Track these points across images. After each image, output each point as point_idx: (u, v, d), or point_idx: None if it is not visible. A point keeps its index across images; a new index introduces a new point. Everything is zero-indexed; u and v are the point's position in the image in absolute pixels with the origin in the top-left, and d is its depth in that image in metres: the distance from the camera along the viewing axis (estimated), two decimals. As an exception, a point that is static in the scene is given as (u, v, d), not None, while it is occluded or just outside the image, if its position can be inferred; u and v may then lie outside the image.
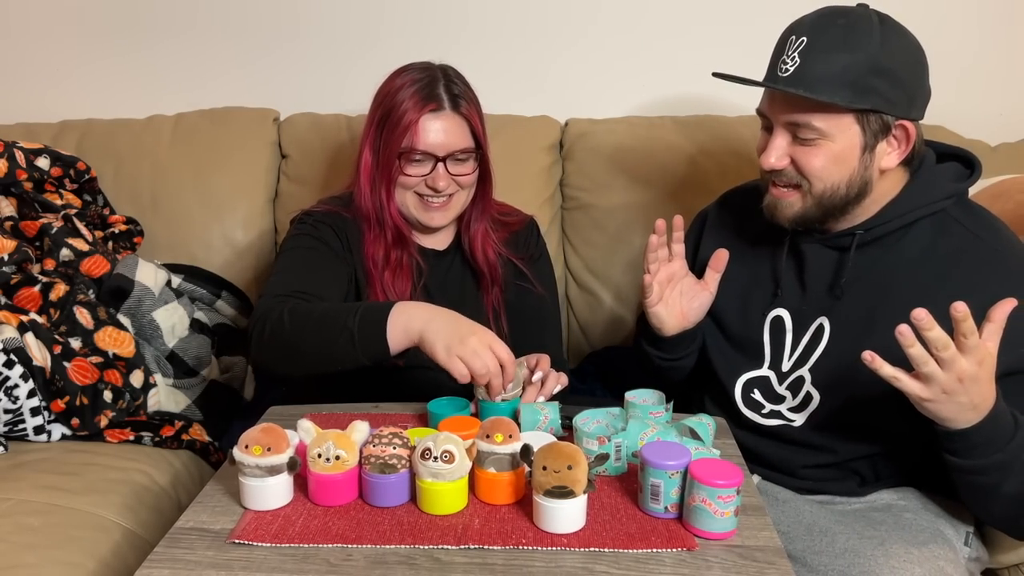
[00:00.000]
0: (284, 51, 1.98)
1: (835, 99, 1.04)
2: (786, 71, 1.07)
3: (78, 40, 2.01)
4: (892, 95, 1.06)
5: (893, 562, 1.04)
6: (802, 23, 1.09)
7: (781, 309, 1.23)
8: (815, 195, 1.11)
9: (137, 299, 1.58)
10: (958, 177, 1.17)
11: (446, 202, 1.34)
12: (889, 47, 1.06)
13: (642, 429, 1.04)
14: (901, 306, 1.07)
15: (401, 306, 1.09)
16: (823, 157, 1.09)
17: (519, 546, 0.86)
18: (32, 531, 1.15)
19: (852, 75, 1.04)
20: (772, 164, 1.12)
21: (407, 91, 1.30)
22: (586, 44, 1.94)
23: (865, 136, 1.08)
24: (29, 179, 1.66)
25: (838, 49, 1.05)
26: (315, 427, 0.96)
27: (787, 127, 1.11)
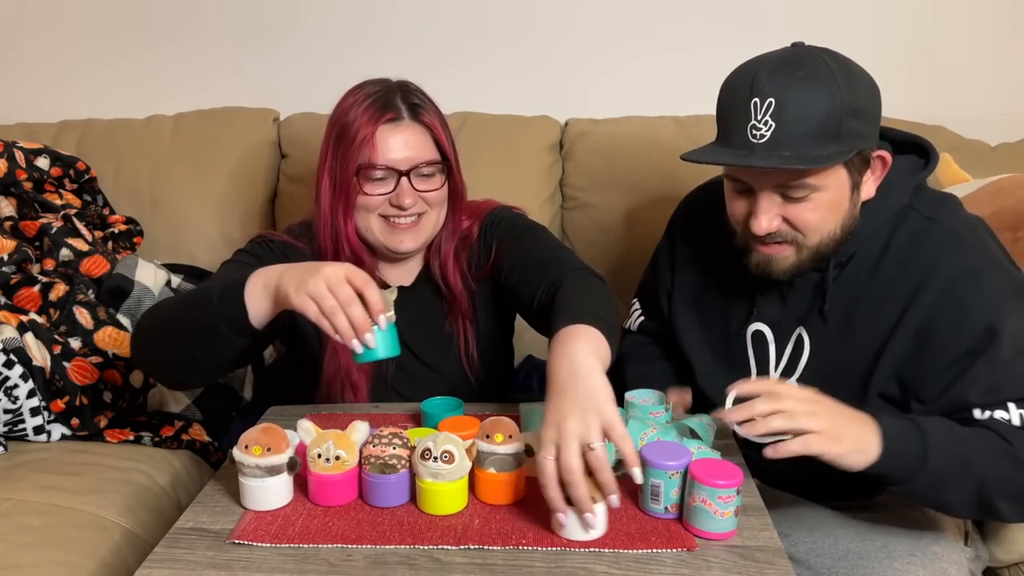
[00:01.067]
0: (284, 51, 1.98)
1: (828, 155, 0.99)
2: (762, 136, 1.00)
3: (78, 40, 2.01)
4: (867, 130, 1.04)
5: (897, 564, 1.04)
6: (759, 81, 1.01)
7: (759, 323, 1.20)
8: (811, 247, 1.07)
9: (137, 299, 1.58)
10: (911, 170, 1.14)
11: (415, 223, 1.21)
12: (853, 86, 1.01)
13: (642, 429, 1.04)
14: (871, 305, 1.09)
15: (262, 270, 1.00)
16: (820, 210, 1.05)
17: (519, 546, 0.86)
18: (32, 531, 1.15)
19: (834, 125, 0.99)
20: (766, 228, 1.06)
21: (360, 106, 1.19)
22: (586, 44, 1.94)
23: (852, 176, 1.05)
24: (29, 179, 1.66)
25: (811, 103, 0.99)
26: (315, 427, 0.96)
27: (774, 189, 1.05)
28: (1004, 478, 1.01)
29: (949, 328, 1.04)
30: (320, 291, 0.92)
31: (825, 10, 1.90)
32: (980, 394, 1.03)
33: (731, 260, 1.20)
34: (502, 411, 1.17)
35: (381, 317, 0.95)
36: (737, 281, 1.21)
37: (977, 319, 1.03)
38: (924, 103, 1.89)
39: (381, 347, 0.96)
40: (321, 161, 1.23)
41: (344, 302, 0.93)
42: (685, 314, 1.29)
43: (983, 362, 1.03)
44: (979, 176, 1.59)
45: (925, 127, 1.83)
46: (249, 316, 0.98)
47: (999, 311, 1.03)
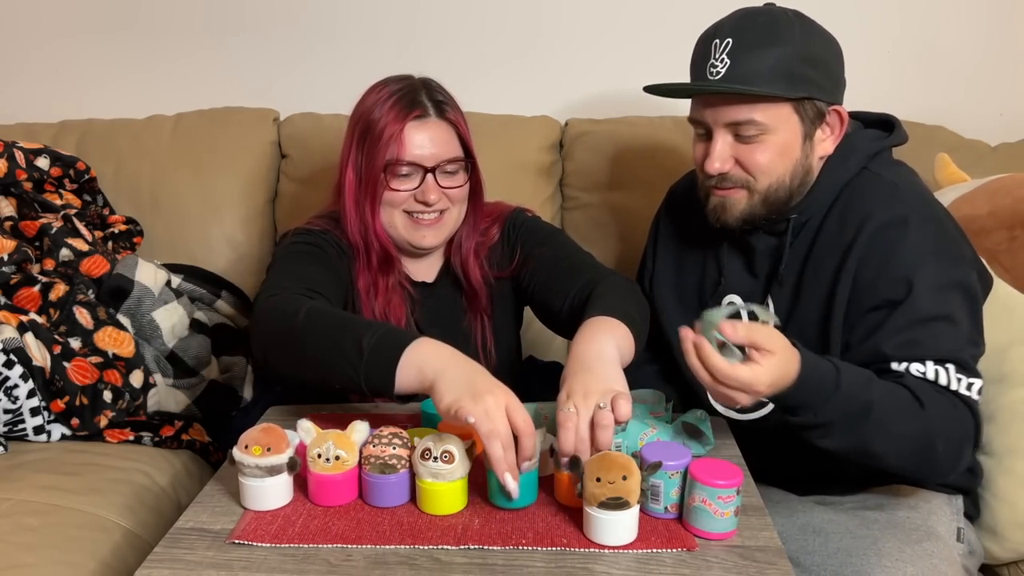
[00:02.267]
0: (284, 51, 1.98)
1: (774, 90, 1.06)
2: (717, 73, 1.08)
3: (78, 40, 2.01)
4: (823, 82, 1.09)
5: (885, 561, 1.04)
6: (721, 26, 1.11)
7: (734, 296, 1.24)
8: (761, 191, 1.12)
9: (137, 299, 1.58)
10: (873, 137, 1.19)
11: (437, 219, 1.24)
12: (811, 37, 1.09)
13: (642, 429, 1.04)
14: (816, 262, 1.14)
15: (424, 341, 0.96)
16: (769, 151, 1.10)
17: (519, 546, 0.86)
18: (32, 531, 1.15)
19: (784, 66, 1.06)
20: (718, 168, 1.12)
21: (387, 103, 1.20)
22: (586, 44, 1.94)
23: (804, 124, 1.10)
24: (29, 179, 1.66)
25: (765, 44, 1.06)
26: (315, 427, 0.96)
27: (727, 128, 1.11)
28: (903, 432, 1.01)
29: (871, 275, 1.08)
30: (480, 416, 0.87)
31: (825, 10, 1.89)
32: (896, 347, 1.06)
33: (705, 237, 1.26)
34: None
35: (526, 463, 0.90)
36: (709, 256, 1.27)
37: (895, 269, 1.07)
38: (924, 103, 1.90)
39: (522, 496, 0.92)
40: (344, 157, 1.25)
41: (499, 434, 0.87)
42: (665, 295, 1.34)
43: (899, 315, 1.06)
44: (979, 176, 1.59)
45: (925, 127, 1.83)
46: (394, 386, 0.95)
47: (918, 265, 1.06)
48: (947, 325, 1.06)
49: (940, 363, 1.05)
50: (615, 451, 0.99)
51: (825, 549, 1.09)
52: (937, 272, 1.07)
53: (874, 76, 1.91)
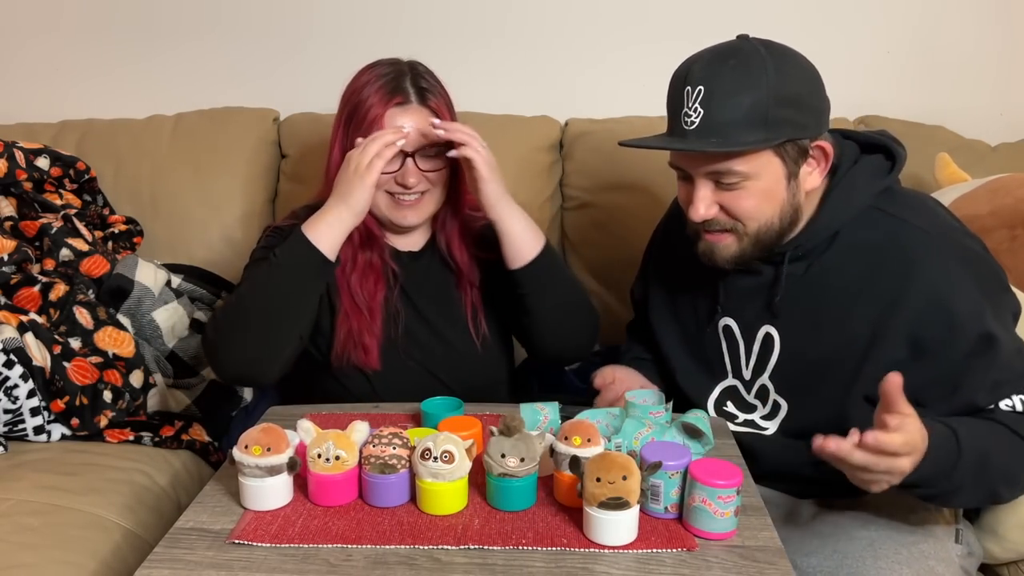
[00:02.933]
0: (284, 51, 1.98)
1: (750, 143, 1.02)
2: (691, 123, 1.04)
3: (78, 40, 2.01)
4: (802, 120, 1.05)
5: (881, 563, 1.04)
6: (692, 71, 1.05)
7: (727, 318, 1.22)
8: (751, 235, 1.09)
9: (137, 299, 1.58)
10: (877, 174, 1.14)
11: (418, 200, 1.28)
12: (785, 74, 1.03)
13: (638, 428, 1.04)
14: (840, 305, 1.10)
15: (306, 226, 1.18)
16: (753, 198, 1.07)
17: (519, 546, 0.86)
18: (32, 531, 1.15)
19: (760, 112, 1.02)
20: (703, 215, 1.09)
21: (372, 86, 1.26)
22: (586, 44, 1.94)
23: (787, 166, 1.06)
24: (29, 179, 1.66)
25: (739, 90, 1.02)
26: (315, 427, 0.96)
27: (708, 176, 1.08)
28: (1012, 468, 1.04)
29: (942, 337, 1.05)
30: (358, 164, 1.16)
31: (825, 10, 1.90)
32: (986, 394, 1.06)
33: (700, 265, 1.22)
34: (502, 411, 1.16)
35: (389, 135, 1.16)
36: (706, 281, 1.24)
37: (968, 325, 1.04)
38: (924, 103, 1.90)
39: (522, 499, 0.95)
40: (333, 134, 1.31)
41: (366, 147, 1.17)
42: (661, 316, 1.32)
43: (983, 365, 1.05)
44: (979, 176, 1.59)
45: (925, 127, 1.83)
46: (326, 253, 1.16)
47: (983, 312, 1.04)
48: (1018, 356, 1.06)
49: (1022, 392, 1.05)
50: (615, 451, 0.99)
51: (822, 551, 1.09)
52: (995, 312, 1.06)
53: (874, 76, 1.91)
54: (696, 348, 1.26)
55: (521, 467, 0.91)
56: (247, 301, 1.19)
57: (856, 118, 1.88)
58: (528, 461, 0.92)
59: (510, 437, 0.92)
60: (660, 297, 1.33)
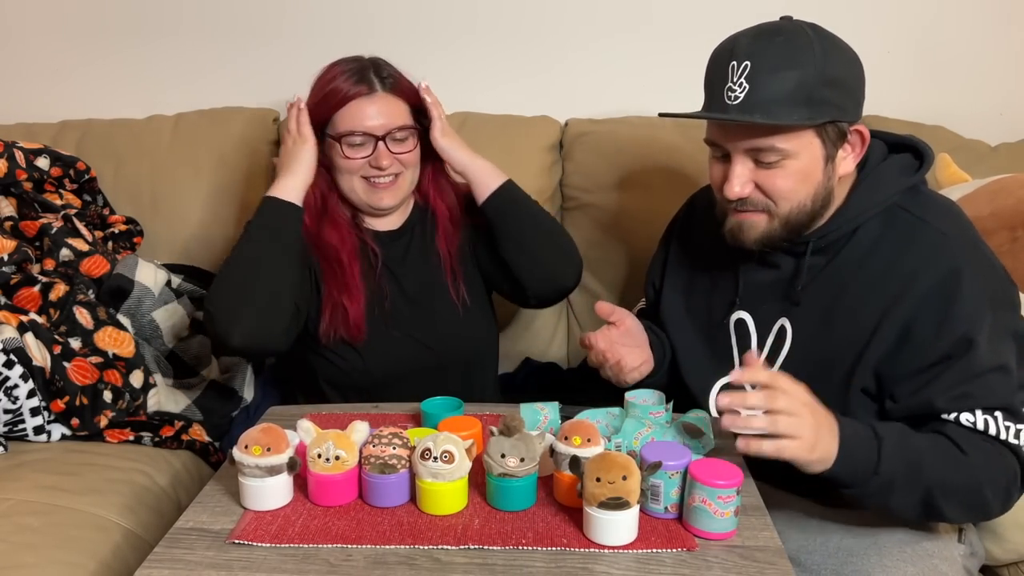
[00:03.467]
0: (284, 51, 1.98)
1: (795, 119, 1.02)
2: (736, 98, 1.04)
3: (78, 40, 2.01)
4: (843, 102, 1.05)
5: (886, 560, 1.04)
6: (738, 46, 1.05)
7: (743, 312, 1.19)
8: (782, 216, 1.09)
9: (137, 299, 1.58)
10: (905, 171, 1.14)
11: (392, 182, 1.35)
12: (831, 56, 1.03)
13: (638, 428, 1.04)
14: (854, 300, 1.10)
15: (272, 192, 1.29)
16: (790, 177, 1.06)
17: (519, 546, 0.86)
18: (32, 531, 1.15)
19: (806, 91, 1.01)
20: (737, 193, 1.08)
21: (338, 80, 1.33)
22: (586, 44, 1.94)
23: (826, 147, 1.06)
24: (29, 179, 1.66)
25: (785, 67, 1.02)
26: (315, 427, 0.96)
27: (747, 153, 1.07)
28: (952, 484, 1.02)
29: (928, 332, 1.05)
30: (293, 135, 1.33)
31: (825, 10, 1.89)
32: (949, 400, 1.04)
33: (721, 253, 1.22)
34: (502, 411, 1.16)
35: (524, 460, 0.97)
36: (724, 274, 1.24)
37: (956, 326, 1.03)
38: (924, 103, 1.90)
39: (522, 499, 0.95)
40: None
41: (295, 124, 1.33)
42: (674, 307, 1.32)
43: (956, 370, 1.04)
44: (979, 176, 1.59)
45: (925, 127, 1.83)
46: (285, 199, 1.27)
47: (976, 320, 1.03)
48: (1001, 375, 1.05)
49: (989, 411, 1.04)
50: (615, 451, 0.99)
51: (825, 548, 1.09)
52: (993, 324, 1.05)
53: (874, 76, 1.90)
54: (707, 342, 1.26)
55: (521, 467, 0.91)
56: (232, 267, 1.27)
57: (856, 118, 1.88)
58: (528, 461, 0.92)
59: (510, 437, 0.93)
60: (676, 288, 1.32)
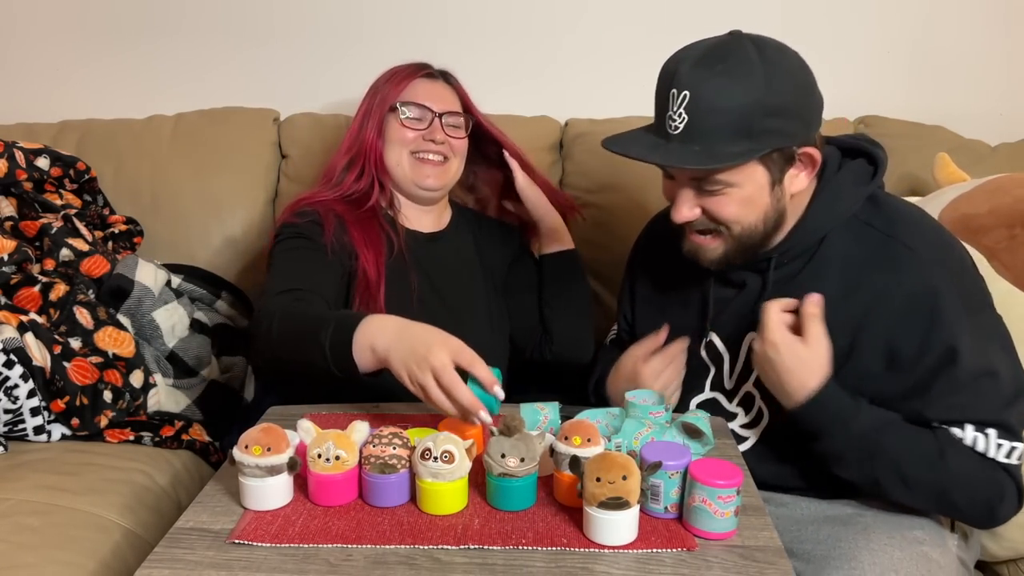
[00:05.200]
0: (284, 51, 1.98)
1: (738, 153, 1.00)
2: (675, 128, 1.03)
3: (78, 40, 2.01)
4: (789, 128, 1.03)
5: (873, 544, 1.05)
6: (679, 74, 1.02)
7: (712, 334, 1.22)
8: (735, 237, 1.09)
9: (137, 299, 1.58)
10: (860, 180, 1.13)
11: (441, 163, 1.38)
12: (774, 82, 1.00)
13: (638, 428, 1.04)
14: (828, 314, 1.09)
15: (366, 323, 1.04)
16: (734, 204, 1.06)
17: (519, 546, 0.86)
18: (32, 531, 1.15)
19: (746, 123, 0.99)
20: (685, 216, 1.09)
21: (397, 68, 1.41)
22: (586, 44, 1.94)
23: (772, 173, 1.05)
24: (29, 179, 1.66)
25: (724, 99, 0.99)
26: (315, 427, 0.96)
27: (690, 182, 1.08)
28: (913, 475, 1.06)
29: (912, 351, 1.06)
30: (427, 383, 0.98)
31: (825, 10, 1.90)
32: (940, 411, 1.06)
33: (687, 275, 1.23)
34: (503, 411, 1.16)
35: (497, 388, 1.00)
36: (693, 294, 1.24)
37: (938, 340, 1.04)
38: (924, 103, 1.90)
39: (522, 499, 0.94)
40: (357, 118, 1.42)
41: (448, 387, 0.97)
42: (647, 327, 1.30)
43: (943, 381, 1.05)
44: (978, 176, 1.59)
45: (925, 127, 1.83)
46: (358, 368, 1.04)
47: (957, 329, 1.04)
48: (990, 381, 1.05)
49: (981, 427, 1.05)
50: (615, 451, 0.99)
51: (817, 537, 1.10)
52: (974, 330, 1.05)
53: (874, 76, 1.91)
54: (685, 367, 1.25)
55: (521, 467, 0.91)
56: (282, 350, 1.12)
57: (856, 118, 1.88)
58: (528, 461, 0.92)
59: (510, 437, 0.93)
60: (648, 315, 1.32)
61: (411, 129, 1.36)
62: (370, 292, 1.31)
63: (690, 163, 1.02)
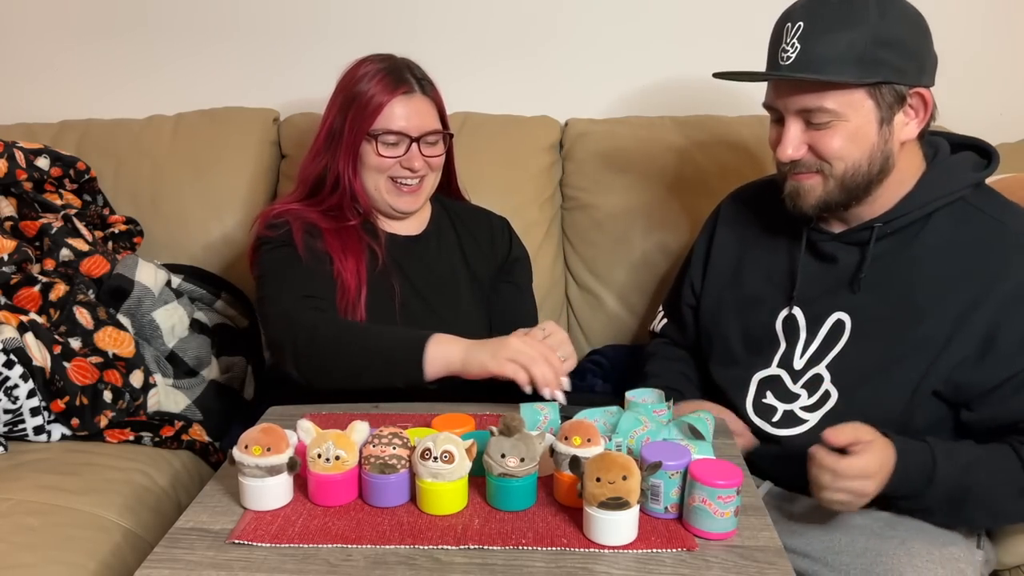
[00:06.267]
0: (284, 51, 1.98)
1: (843, 77, 1.02)
2: (788, 59, 1.05)
3: (78, 40, 2.01)
4: (901, 64, 1.04)
5: (916, 562, 1.04)
6: (795, 8, 1.07)
7: (795, 307, 1.20)
8: (837, 177, 1.09)
9: (137, 299, 1.58)
10: (975, 167, 1.14)
11: (418, 186, 1.36)
12: (889, 17, 1.03)
13: (634, 426, 1.04)
14: (927, 298, 1.08)
15: (436, 341, 1.12)
16: (841, 138, 1.06)
17: (519, 546, 0.86)
18: (32, 531, 1.15)
19: (857, 51, 1.02)
20: (790, 155, 1.09)
21: (373, 78, 1.33)
22: (586, 44, 1.94)
23: (880, 110, 1.06)
24: (29, 179, 1.66)
25: (838, 28, 1.02)
26: (315, 427, 0.96)
27: (798, 115, 1.08)
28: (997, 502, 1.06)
29: (1013, 341, 1.04)
30: (518, 351, 1.07)
31: (825, 10, 1.89)
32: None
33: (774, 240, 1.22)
34: (503, 411, 1.16)
35: (564, 379, 1.08)
36: (777, 263, 1.23)
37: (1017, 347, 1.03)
38: (924, 103, 1.89)
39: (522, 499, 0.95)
40: (323, 123, 1.38)
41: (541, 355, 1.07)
42: (718, 300, 1.30)
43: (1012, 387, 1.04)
44: (979, 176, 1.59)
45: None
46: (427, 378, 1.13)
47: None
48: None
49: None
50: (615, 451, 0.99)
51: (852, 548, 1.09)
52: None
53: (874, 76, 1.91)
54: (749, 335, 1.25)
55: (521, 467, 0.91)
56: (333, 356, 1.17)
57: (856, 118, 1.88)
58: (528, 461, 0.92)
59: (510, 437, 0.93)
60: (721, 288, 1.30)
61: (388, 157, 1.33)
62: (349, 300, 1.30)
63: (798, 75, 1.03)
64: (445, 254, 1.45)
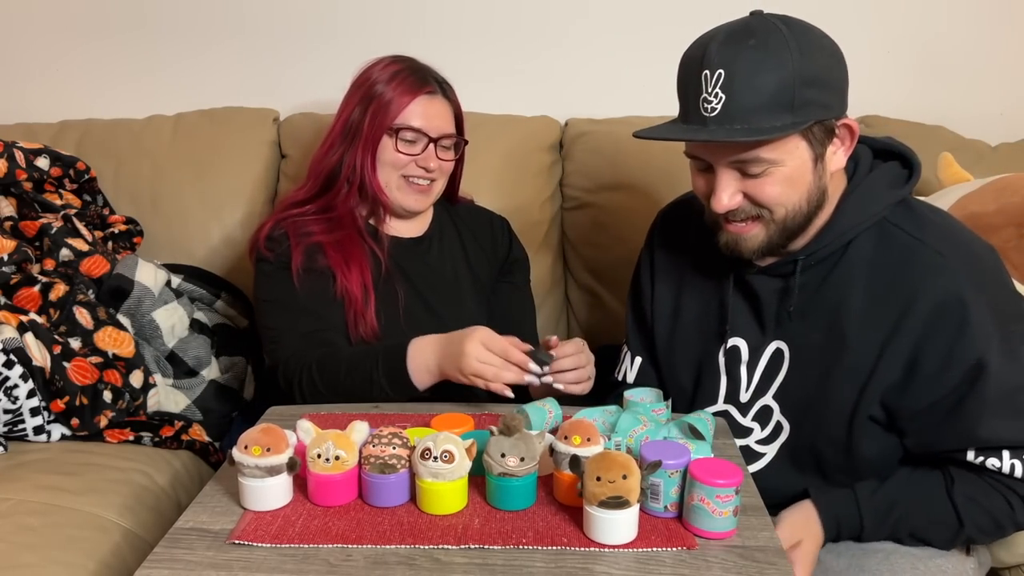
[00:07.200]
0: (284, 51, 1.98)
1: (781, 127, 0.96)
2: (712, 110, 0.97)
3: (78, 40, 2.01)
4: (827, 99, 1.00)
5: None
6: (709, 54, 0.98)
7: (735, 339, 1.16)
8: (778, 221, 1.04)
9: (137, 299, 1.58)
10: (895, 183, 1.09)
11: (428, 187, 1.38)
12: (809, 53, 0.97)
13: (633, 426, 1.04)
14: (852, 324, 1.06)
15: (412, 351, 1.17)
16: (778, 184, 1.01)
17: (519, 546, 0.86)
18: (32, 531, 1.15)
19: (786, 95, 0.96)
20: (727, 205, 1.03)
21: (397, 76, 1.34)
22: (586, 43, 1.94)
23: (813, 148, 1.01)
24: (29, 179, 1.66)
25: (761, 71, 0.96)
26: (315, 427, 0.96)
27: (731, 165, 1.02)
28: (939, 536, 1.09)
29: (936, 363, 1.02)
30: (478, 369, 1.11)
31: (825, 10, 1.89)
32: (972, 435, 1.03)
33: (706, 272, 1.19)
34: (503, 410, 1.16)
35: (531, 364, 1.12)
36: (710, 297, 1.19)
37: (964, 354, 1.00)
38: (924, 103, 1.90)
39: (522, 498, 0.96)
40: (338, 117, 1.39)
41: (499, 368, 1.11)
42: (663, 327, 1.26)
43: (973, 402, 1.01)
44: (979, 177, 1.59)
45: (925, 127, 1.83)
46: (416, 387, 1.18)
47: (986, 343, 1.00)
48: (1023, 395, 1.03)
49: (1018, 453, 1.03)
50: (615, 450, 0.99)
51: (836, 564, 1.08)
52: (1004, 341, 1.01)
53: (874, 76, 1.91)
54: (694, 368, 1.22)
55: (521, 467, 0.91)
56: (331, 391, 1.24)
57: (856, 118, 1.86)
58: (528, 461, 0.92)
59: (510, 436, 0.93)
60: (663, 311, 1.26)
61: (405, 154, 1.34)
62: (357, 310, 1.31)
63: (738, 138, 0.97)
64: (447, 255, 1.46)
